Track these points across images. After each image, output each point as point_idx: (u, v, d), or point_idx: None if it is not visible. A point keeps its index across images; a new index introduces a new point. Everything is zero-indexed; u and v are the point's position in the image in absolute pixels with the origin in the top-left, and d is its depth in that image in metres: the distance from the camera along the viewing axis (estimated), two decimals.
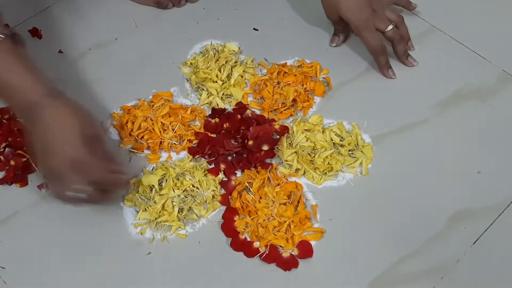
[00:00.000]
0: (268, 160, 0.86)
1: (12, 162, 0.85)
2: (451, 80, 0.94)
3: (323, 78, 0.95)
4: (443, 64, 0.97)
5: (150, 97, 0.92)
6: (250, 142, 0.86)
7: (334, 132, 0.88)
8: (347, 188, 0.84)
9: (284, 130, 0.88)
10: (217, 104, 0.91)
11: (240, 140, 0.87)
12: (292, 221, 0.80)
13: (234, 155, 0.86)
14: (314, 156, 0.85)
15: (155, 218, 0.80)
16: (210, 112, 0.91)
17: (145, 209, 0.81)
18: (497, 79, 0.95)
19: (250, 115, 0.90)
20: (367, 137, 0.88)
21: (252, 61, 0.97)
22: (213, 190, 0.82)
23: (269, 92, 0.92)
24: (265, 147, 0.86)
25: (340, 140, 0.87)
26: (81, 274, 0.78)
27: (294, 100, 0.91)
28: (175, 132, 0.88)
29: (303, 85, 0.93)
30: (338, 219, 0.81)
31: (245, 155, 0.86)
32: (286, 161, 0.85)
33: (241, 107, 0.91)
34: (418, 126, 0.90)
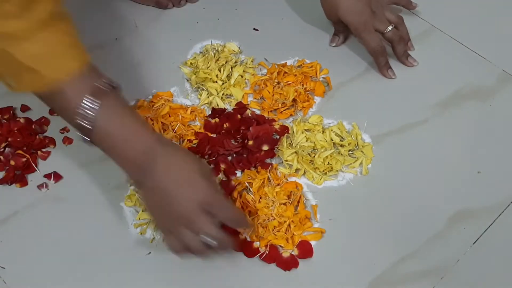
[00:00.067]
0: (268, 160, 0.86)
1: (12, 162, 0.85)
2: (451, 80, 0.94)
3: (323, 78, 0.95)
4: (443, 64, 0.97)
5: (150, 97, 0.92)
6: (250, 142, 0.86)
7: (334, 132, 0.88)
8: (347, 188, 0.84)
9: (284, 130, 0.88)
10: (217, 104, 0.91)
11: (240, 140, 0.87)
12: (292, 221, 0.79)
13: (234, 155, 0.86)
14: (314, 156, 0.85)
15: None
16: (210, 112, 0.91)
17: (145, 209, 0.81)
18: (497, 79, 0.95)
19: (250, 115, 0.90)
20: (367, 137, 0.88)
21: (252, 61, 0.97)
22: None
23: (269, 92, 0.92)
24: (265, 147, 0.86)
25: (340, 140, 0.87)
26: (81, 274, 0.77)
27: (294, 100, 0.91)
28: (175, 132, 0.88)
29: (303, 85, 0.93)
30: (338, 219, 0.81)
31: (245, 155, 0.86)
32: (286, 161, 0.85)
33: (241, 107, 0.91)
34: (418, 126, 0.90)
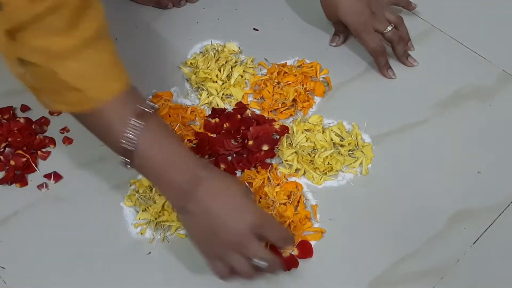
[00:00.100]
0: (268, 160, 0.86)
1: (12, 162, 0.85)
2: (451, 80, 0.94)
3: (323, 78, 0.95)
4: (443, 64, 0.97)
5: (150, 97, 0.92)
6: (250, 142, 0.86)
7: (334, 132, 0.88)
8: (347, 188, 0.84)
9: (284, 130, 0.88)
10: (217, 104, 0.91)
11: (240, 140, 0.87)
12: (292, 221, 0.79)
13: (234, 155, 0.86)
14: (314, 156, 0.85)
15: (155, 218, 0.80)
16: (210, 112, 0.91)
17: (145, 209, 0.81)
18: (497, 79, 0.94)
19: (250, 115, 0.90)
20: (367, 137, 0.88)
21: (252, 61, 0.97)
22: None
23: (269, 92, 0.92)
24: (265, 147, 0.86)
25: (340, 140, 0.87)
26: (81, 274, 0.77)
27: (294, 100, 0.91)
28: (175, 132, 0.88)
29: (303, 85, 0.93)
30: (338, 219, 0.81)
31: (245, 155, 0.86)
32: (286, 161, 0.85)
33: (241, 107, 0.91)
34: (418, 126, 0.90)
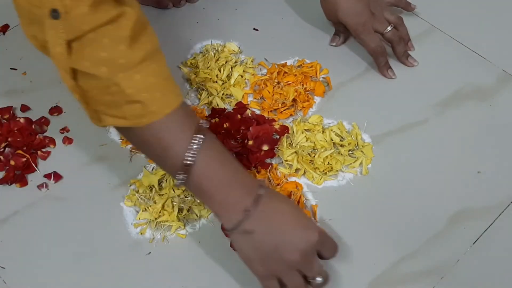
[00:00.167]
0: (268, 160, 0.86)
1: (12, 162, 0.85)
2: (451, 80, 0.94)
3: (323, 78, 0.95)
4: (443, 64, 0.96)
5: None
6: (250, 142, 0.86)
7: (334, 132, 0.88)
8: (347, 188, 0.84)
9: (284, 130, 0.88)
10: (217, 104, 0.91)
11: (240, 140, 0.87)
12: None
13: (234, 155, 0.86)
14: (314, 156, 0.85)
15: (155, 218, 0.80)
16: (210, 112, 0.91)
17: (145, 209, 0.81)
18: (497, 79, 0.94)
19: (250, 115, 0.90)
20: (367, 137, 0.88)
21: (252, 61, 0.97)
22: None
23: (269, 92, 0.92)
24: (265, 147, 0.86)
25: (340, 140, 0.87)
26: (81, 274, 0.78)
27: (294, 100, 0.91)
28: None
29: (303, 85, 0.93)
30: (338, 219, 0.81)
31: (245, 155, 0.86)
32: (286, 161, 0.85)
33: (241, 107, 0.91)
34: (418, 126, 0.90)
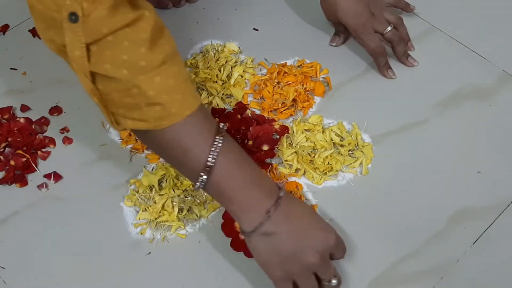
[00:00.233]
0: (268, 160, 0.86)
1: (12, 162, 0.85)
2: (451, 80, 0.94)
3: (323, 78, 0.95)
4: (443, 64, 0.96)
5: None
6: (250, 142, 0.86)
7: (334, 132, 0.88)
8: (347, 188, 0.84)
9: (284, 130, 0.88)
10: (217, 104, 0.91)
11: (240, 140, 0.87)
12: None
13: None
14: (314, 156, 0.85)
15: (155, 218, 0.80)
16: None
17: (145, 209, 0.81)
18: (497, 79, 0.94)
19: (250, 115, 0.90)
20: (367, 137, 0.88)
21: (252, 61, 0.97)
22: None
23: (269, 92, 0.92)
24: (265, 147, 0.86)
25: (340, 140, 0.87)
26: (81, 274, 0.78)
27: (294, 100, 0.91)
28: None
29: (303, 85, 0.93)
30: (338, 219, 0.81)
31: None
32: (286, 161, 0.85)
33: (241, 107, 0.91)
34: (418, 126, 0.90)
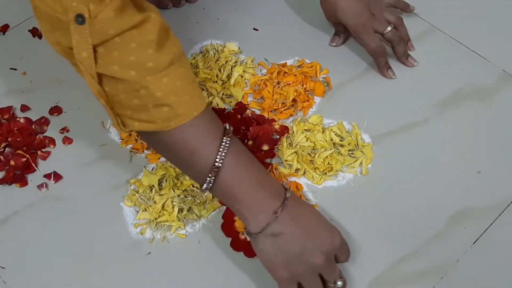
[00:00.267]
0: (268, 160, 0.86)
1: (12, 162, 0.85)
2: (451, 80, 0.94)
3: (323, 78, 0.95)
4: (443, 64, 0.96)
5: None
6: (250, 142, 0.86)
7: (334, 132, 0.88)
8: (347, 188, 0.84)
9: (284, 130, 0.88)
10: (217, 104, 0.91)
11: (240, 140, 0.87)
12: None
13: None
14: (314, 156, 0.85)
15: (155, 218, 0.80)
16: None
17: (145, 209, 0.81)
18: (497, 79, 0.94)
19: (250, 115, 0.90)
20: (367, 137, 0.88)
21: (252, 61, 0.97)
22: None
23: (269, 92, 0.92)
24: (265, 147, 0.86)
25: (340, 140, 0.87)
26: (81, 274, 0.78)
27: (294, 100, 0.91)
28: None
29: (303, 85, 0.93)
30: (338, 219, 0.81)
31: None
32: (286, 161, 0.85)
33: (241, 107, 0.91)
34: (418, 126, 0.90)
